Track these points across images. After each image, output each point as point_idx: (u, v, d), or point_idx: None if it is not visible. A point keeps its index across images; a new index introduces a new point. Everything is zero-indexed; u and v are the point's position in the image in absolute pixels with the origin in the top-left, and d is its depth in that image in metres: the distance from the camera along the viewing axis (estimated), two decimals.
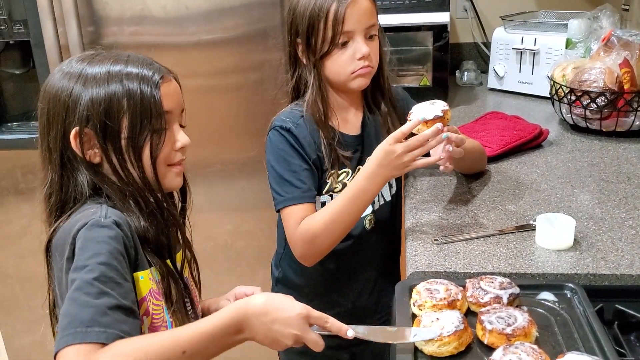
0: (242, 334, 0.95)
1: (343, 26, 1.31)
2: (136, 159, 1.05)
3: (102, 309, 0.89)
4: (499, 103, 2.20)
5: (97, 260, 0.93)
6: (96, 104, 1.02)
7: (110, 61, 1.06)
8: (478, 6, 2.50)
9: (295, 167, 1.36)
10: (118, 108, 1.03)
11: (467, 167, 1.55)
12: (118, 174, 1.05)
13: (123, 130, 1.03)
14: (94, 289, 0.90)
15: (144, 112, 1.04)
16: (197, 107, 2.05)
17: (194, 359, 0.91)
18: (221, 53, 2.00)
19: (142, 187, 1.06)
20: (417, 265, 1.18)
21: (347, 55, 1.34)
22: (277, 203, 1.37)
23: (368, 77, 1.38)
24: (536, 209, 1.36)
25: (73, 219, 1.02)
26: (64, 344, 0.86)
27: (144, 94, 1.04)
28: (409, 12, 2.01)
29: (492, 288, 1.02)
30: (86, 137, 1.03)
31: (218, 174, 2.13)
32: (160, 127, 1.06)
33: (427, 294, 1.02)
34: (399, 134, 1.21)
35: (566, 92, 1.77)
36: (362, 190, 1.27)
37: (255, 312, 0.95)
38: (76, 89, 1.03)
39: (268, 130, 1.42)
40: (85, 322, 0.87)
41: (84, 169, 1.05)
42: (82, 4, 1.93)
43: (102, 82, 1.03)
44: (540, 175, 1.54)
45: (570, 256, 1.17)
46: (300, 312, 0.96)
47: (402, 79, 2.20)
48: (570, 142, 1.76)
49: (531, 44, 2.15)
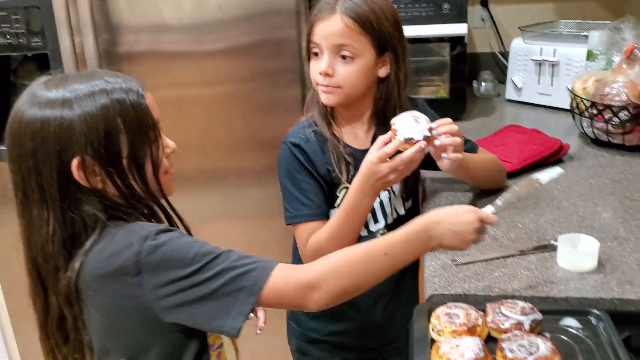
0: (431, 240, 1.07)
1: (311, 36, 1.35)
2: (140, 175, 1.02)
3: None
4: (517, 115, 2.17)
5: (201, 247, 0.97)
6: (92, 128, 0.96)
7: (84, 80, 1.00)
8: (496, 16, 2.47)
9: (304, 185, 1.38)
10: (115, 128, 0.98)
11: (484, 181, 1.53)
12: (123, 193, 1.01)
13: (123, 150, 0.99)
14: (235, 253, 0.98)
15: (140, 126, 1.01)
16: (213, 116, 2.04)
17: (392, 263, 1.05)
18: (236, 62, 1.99)
19: (147, 200, 1.04)
20: (435, 287, 1.16)
21: (314, 66, 1.36)
22: (286, 218, 1.40)
23: (334, 95, 1.35)
24: (557, 228, 1.33)
25: (110, 246, 0.97)
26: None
27: (135, 108, 1.00)
28: (426, 23, 1.99)
29: (513, 313, 0.99)
30: (87, 164, 0.97)
31: (233, 185, 2.12)
32: (156, 137, 1.03)
33: (447, 319, 1.00)
34: (383, 154, 1.23)
35: (587, 105, 1.74)
36: (355, 206, 1.30)
37: (437, 220, 1.08)
38: (65, 115, 0.96)
39: (280, 144, 1.43)
40: None
41: (92, 198, 0.99)
42: (99, 14, 1.92)
43: (89, 102, 0.97)
44: (561, 192, 1.51)
45: (594, 279, 1.14)
46: (471, 209, 1.10)
47: (419, 89, 2.17)
48: (592, 157, 1.72)
49: (550, 55, 2.12)
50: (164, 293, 0.95)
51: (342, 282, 1.01)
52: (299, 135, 1.39)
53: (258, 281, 0.97)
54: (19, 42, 1.97)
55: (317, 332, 1.55)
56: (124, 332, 1.02)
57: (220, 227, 2.17)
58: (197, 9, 1.91)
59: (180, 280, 0.94)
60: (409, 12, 2.00)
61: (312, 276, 1.00)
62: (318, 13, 1.34)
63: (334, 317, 1.53)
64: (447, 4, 1.98)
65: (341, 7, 1.30)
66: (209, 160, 2.09)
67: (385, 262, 1.05)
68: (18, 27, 1.95)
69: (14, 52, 2.01)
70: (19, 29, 1.95)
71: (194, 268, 0.95)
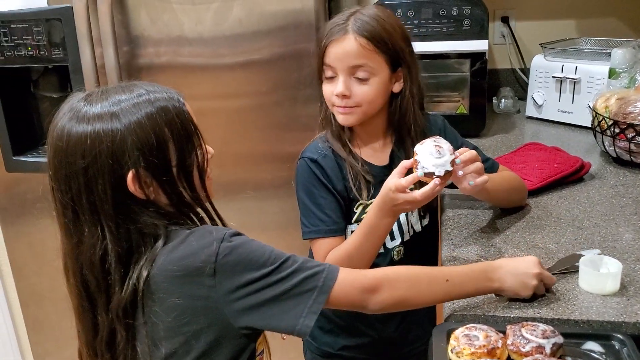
0: (493, 282, 1.11)
1: (324, 59, 1.33)
2: (188, 182, 1.03)
3: None
4: (538, 132, 2.15)
5: (271, 250, 1.01)
6: (143, 140, 0.97)
7: (126, 91, 1.00)
8: (516, 32, 2.46)
9: (321, 200, 1.37)
10: (163, 138, 0.99)
11: (505, 201, 1.51)
12: (173, 201, 1.03)
13: (172, 159, 1.01)
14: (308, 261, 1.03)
15: (186, 134, 1.02)
16: (231, 129, 2.05)
17: (451, 290, 1.10)
18: (255, 76, 1.99)
19: (195, 206, 1.06)
20: (454, 307, 1.14)
21: (328, 89, 1.35)
22: (303, 233, 1.40)
23: (352, 115, 1.35)
24: (578, 248, 1.31)
25: (182, 247, 0.98)
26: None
27: (179, 116, 1.02)
28: (446, 39, 1.98)
29: (534, 336, 0.97)
30: (141, 176, 0.98)
31: (250, 198, 2.11)
32: (200, 143, 1.05)
33: (466, 341, 0.98)
34: (400, 186, 1.21)
35: (609, 124, 1.71)
36: (375, 227, 1.29)
37: (499, 265, 1.12)
38: (115, 128, 0.96)
39: (298, 159, 1.42)
40: None
41: (147, 209, 1.00)
42: (119, 26, 1.94)
43: (136, 112, 0.98)
44: (582, 212, 1.48)
45: (616, 302, 1.11)
46: (533, 258, 1.13)
47: (438, 105, 2.16)
48: (614, 176, 1.70)
49: (572, 72, 2.10)
50: (238, 295, 0.97)
51: (402, 291, 1.08)
52: (316, 151, 1.39)
53: (327, 282, 1.01)
54: (40, 54, 1.99)
55: (331, 346, 1.55)
56: (191, 334, 1.00)
57: None
58: (218, 22, 1.92)
59: (255, 282, 0.98)
60: (429, 28, 1.99)
61: (376, 280, 1.07)
62: (330, 35, 1.32)
63: (348, 331, 1.52)
64: (467, 20, 1.97)
65: (353, 27, 1.29)
66: (227, 173, 2.09)
67: (445, 287, 1.10)
68: (39, 39, 1.97)
69: (35, 63, 2.03)
70: (41, 40, 1.98)
71: (268, 270, 0.99)
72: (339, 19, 1.33)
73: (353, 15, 1.32)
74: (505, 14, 2.45)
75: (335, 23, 1.33)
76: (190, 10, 1.92)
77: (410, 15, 1.99)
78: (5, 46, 2.00)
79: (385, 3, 2.03)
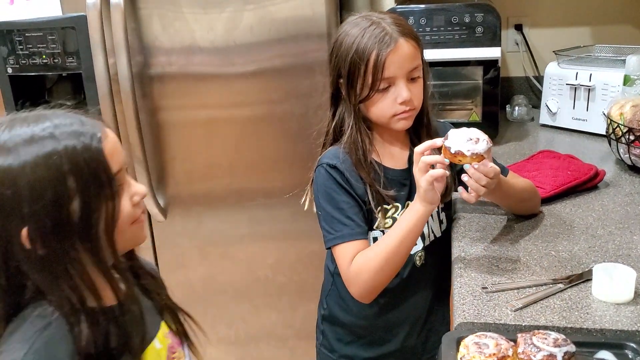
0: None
1: (383, 73, 1.29)
2: (90, 243, 0.87)
3: None
4: (552, 140, 2.13)
5: None
6: (38, 195, 0.81)
7: (29, 123, 0.85)
8: (530, 40, 2.44)
9: (343, 205, 1.34)
10: (67, 193, 0.83)
11: (518, 207, 1.50)
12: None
13: (74, 216, 0.84)
14: None
15: (94, 185, 0.85)
16: (242, 137, 2.05)
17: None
18: (267, 84, 1.99)
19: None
20: (465, 315, 1.12)
21: (388, 99, 1.32)
22: (326, 240, 1.36)
23: (410, 119, 1.36)
24: (592, 257, 1.29)
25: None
26: None
27: (90, 161, 0.85)
28: (459, 47, 1.97)
29: (545, 345, 0.96)
30: (34, 235, 0.83)
31: (261, 206, 2.11)
32: (112, 194, 0.87)
33: (476, 349, 0.96)
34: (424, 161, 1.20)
35: (624, 131, 1.69)
36: (415, 221, 1.26)
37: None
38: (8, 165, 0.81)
39: (315, 168, 1.40)
40: None
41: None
42: (132, 35, 1.95)
43: (31, 152, 0.82)
44: (596, 220, 1.46)
45: (630, 311, 1.09)
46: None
47: (450, 113, 2.15)
48: (629, 184, 1.67)
49: (586, 80, 2.08)
50: None
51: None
52: (334, 157, 1.37)
53: None
54: (54, 62, 2.01)
55: (350, 358, 1.53)
56: None
57: (248, 247, 2.17)
58: (229, 31, 1.93)
59: None
60: (442, 35, 1.99)
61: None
62: (382, 49, 1.27)
63: (370, 343, 1.51)
64: (480, 27, 1.96)
65: (399, 33, 1.29)
66: (238, 180, 2.09)
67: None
68: (54, 47, 1.99)
69: (50, 71, 2.04)
70: (55, 49, 1.99)
71: None
72: (372, 33, 1.29)
73: (385, 22, 1.30)
74: (518, 22, 2.44)
75: (374, 36, 1.28)
76: (201, 19, 1.93)
77: (423, 23, 1.99)
78: (21, 54, 2.02)
79: (398, 11, 2.02)
